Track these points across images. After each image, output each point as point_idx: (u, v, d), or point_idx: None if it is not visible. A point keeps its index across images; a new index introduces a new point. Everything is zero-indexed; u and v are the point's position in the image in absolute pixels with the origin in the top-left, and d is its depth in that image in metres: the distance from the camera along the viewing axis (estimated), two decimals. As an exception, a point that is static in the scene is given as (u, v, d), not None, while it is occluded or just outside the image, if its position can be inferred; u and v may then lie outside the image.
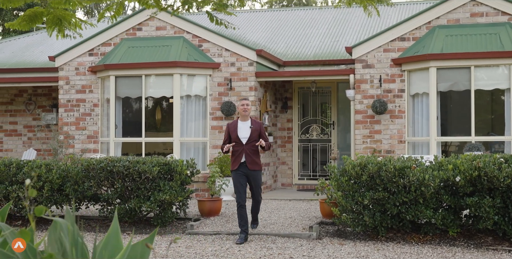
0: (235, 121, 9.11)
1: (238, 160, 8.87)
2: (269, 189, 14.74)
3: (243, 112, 8.97)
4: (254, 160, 8.90)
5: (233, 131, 8.92)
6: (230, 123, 9.13)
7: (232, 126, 9.01)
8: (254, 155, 8.91)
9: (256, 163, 8.92)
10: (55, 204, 10.30)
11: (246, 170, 8.83)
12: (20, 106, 16.83)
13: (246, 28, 18.15)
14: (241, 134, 8.88)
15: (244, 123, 8.98)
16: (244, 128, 8.91)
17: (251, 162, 8.86)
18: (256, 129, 8.93)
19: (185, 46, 13.83)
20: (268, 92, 14.78)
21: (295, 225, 9.78)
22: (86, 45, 14.48)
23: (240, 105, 9.04)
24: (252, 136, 8.86)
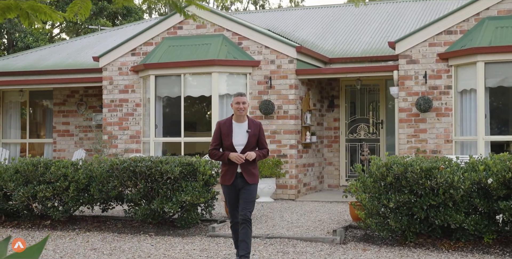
0: (228, 120, 7.21)
1: (232, 171, 7.10)
2: (314, 190, 14.28)
3: (238, 112, 7.13)
4: (252, 171, 7.15)
5: (227, 134, 7.11)
6: (222, 123, 7.22)
7: (225, 129, 7.16)
8: (251, 164, 7.15)
9: (254, 174, 7.19)
10: (82, 204, 10.22)
11: (241, 184, 7.12)
12: (72, 106, 17.01)
13: (296, 25, 17.74)
14: (236, 140, 7.10)
15: (240, 126, 7.17)
16: (240, 133, 7.13)
17: (249, 174, 7.12)
18: (254, 133, 7.16)
19: (225, 44, 13.57)
20: (312, 90, 14.32)
21: (321, 229, 9.33)
22: (129, 45, 14.45)
23: (234, 102, 7.17)
24: (249, 143, 7.12)
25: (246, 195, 7.14)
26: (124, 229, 9.89)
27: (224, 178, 7.18)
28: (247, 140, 7.11)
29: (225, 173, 7.19)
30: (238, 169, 7.13)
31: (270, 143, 13.24)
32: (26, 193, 10.03)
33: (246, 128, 7.15)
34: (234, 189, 7.18)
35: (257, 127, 7.25)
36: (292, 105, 13.18)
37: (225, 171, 7.18)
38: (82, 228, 10.07)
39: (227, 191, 7.25)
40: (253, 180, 7.17)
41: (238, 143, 7.11)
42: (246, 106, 7.17)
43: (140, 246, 8.58)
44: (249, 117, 7.28)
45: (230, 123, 7.18)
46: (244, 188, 7.14)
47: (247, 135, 7.13)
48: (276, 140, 13.21)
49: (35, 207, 10.27)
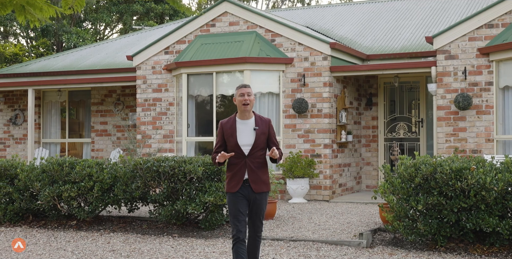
0: (231, 119, 6.20)
1: (237, 178, 6.08)
2: (350, 191, 13.84)
3: (242, 107, 6.09)
4: (261, 177, 6.10)
5: (230, 134, 6.10)
6: (225, 122, 6.22)
7: (228, 127, 6.14)
8: (260, 170, 6.11)
9: (264, 181, 6.14)
10: (106, 204, 10.08)
11: (248, 192, 6.08)
12: (109, 106, 16.99)
13: (336, 22, 17.31)
14: (241, 139, 6.07)
15: (245, 123, 6.13)
16: (246, 131, 6.10)
17: (257, 181, 6.08)
18: (263, 131, 6.13)
19: (257, 41, 13.27)
20: (349, 88, 13.89)
21: (348, 232, 8.94)
22: (162, 44, 14.30)
23: (238, 95, 6.11)
24: (257, 143, 6.07)
25: (257, 208, 6.16)
26: (148, 230, 9.70)
27: (230, 185, 6.17)
28: (255, 139, 6.07)
29: (230, 180, 6.18)
30: (245, 176, 6.07)
31: (303, 143, 12.89)
32: (51, 193, 9.94)
33: (253, 125, 6.11)
34: (241, 198, 6.10)
35: (266, 124, 6.21)
36: (326, 103, 12.79)
37: (230, 177, 6.18)
38: (107, 228, 9.92)
39: (232, 199, 6.12)
40: (261, 188, 6.12)
41: (244, 142, 6.07)
42: (252, 98, 6.14)
43: (160, 248, 8.36)
44: (256, 113, 6.26)
45: (234, 121, 6.15)
46: (255, 199, 6.13)
47: (254, 134, 6.08)
48: (310, 139, 12.85)
49: (61, 207, 10.18)
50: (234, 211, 6.10)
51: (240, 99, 6.12)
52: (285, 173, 12.40)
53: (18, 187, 10.41)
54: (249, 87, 6.20)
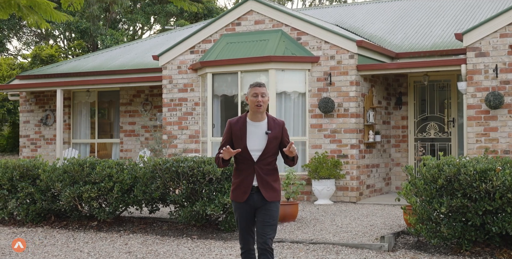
0: (241, 119, 5.57)
1: (245, 185, 5.48)
2: (379, 193, 13.52)
3: (255, 108, 5.47)
4: (271, 184, 5.50)
5: (239, 137, 5.50)
6: (234, 122, 5.59)
7: (237, 129, 5.53)
8: (271, 176, 5.51)
9: (274, 189, 5.52)
10: (126, 205, 9.98)
11: (257, 201, 5.49)
12: (137, 106, 16.96)
13: (366, 20, 16.99)
14: (251, 144, 5.48)
15: (257, 125, 5.53)
16: (257, 134, 5.50)
17: (267, 188, 5.48)
18: (276, 135, 5.50)
19: (283, 40, 13.06)
20: (377, 87, 13.58)
21: (370, 235, 8.66)
22: (187, 43, 14.18)
23: (251, 94, 5.50)
24: (269, 148, 5.47)
25: (265, 217, 5.50)
26: (168, 231, 9.57)
27: (236, 193, 5.55)
28: (266, 144, 5.46)
29: (237, 187, 5.55)
30: (254, 182, 5.48)
31: (330, 143, 12.63)
32: (72, 193, 9.88)
33: (265, 128, 5.50)
34: (248, 208, 5.53)
35: (280, 127, 5.57)
36: (353, 102, 12.51)
37: (237, 184, 5.56)
38: (127, 229, 9.82)
39: (239, 210, 5.57)
40: (273, 196, 5.51)
41: (254, 147, 5.47)
42: (266, 100, 5.50)
43: (176, 250, 8.22)
44: (269, 115, 5.61)
45: (244, 122, 5.53)
46: (263, 207, 5.51)
47: (266, 138, 5.48)
48: (336, 139, 12.58)
49: (82, 207, 10.12)
50: (242, 223, 5.59)
51: (253, 99, 5.50)
52: (310, 174, 12.16)
53: (40, 188, 10.39)
54: (264, 86, 5.58)
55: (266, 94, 5.57)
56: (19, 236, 9.52)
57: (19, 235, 9.66)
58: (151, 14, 37.95)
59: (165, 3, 37.76)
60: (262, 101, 5.51)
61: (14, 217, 10.87)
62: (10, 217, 10.84)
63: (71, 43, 37.60)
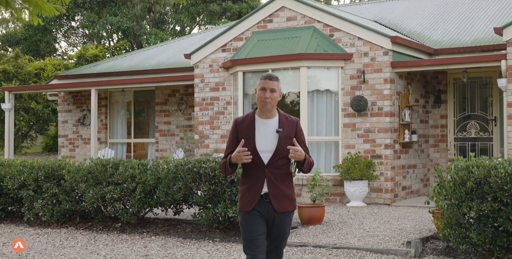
0: (249, 116, 4.90)
1: (254, 192, 4.82)
2: (416, 194, 13.01)
3: (261, 104, 4.79)
4: (284, 191, 4.83)
5: (247, 136, 4.81)
6: (240, 120, 4.92)
7: (244, 127, 4.86)
8: (283, 183, 4.85)
9: (288, 197, 4.86)
10: (150, 207, 9.78)
11: (268, 211, 4.81)
12: (173, 106, 16.81)
13: (405, 16, 16.45)
14: (261, 144, 4.80)
15: (267, 123, 4.85)
16: (267, 133, 4.83)
17: (279, 196, 4.81)
18: (288, 134, 4.82)
19: (315, 37, 12.68)
20: (414, 84, 13.07)
21: (397, 239, 8.24)
22: (219, 41, 13.93)
23: (259, 88, 4.80)
24: (280, 149, 4.79)
25: (278, 232, 4.88)
26: (191, 234, 9.33)
27: (244, 201, 4.86)
28: (277, 145, 4.78)
29: (244, 194, 4.87)
30: (265, 188, 4.80)
31: (363, 143, 12.19)
32: (95, 194, 9.74)
33: (276, 126, 4.83)
34: (258, 217, 4.82)
35: (293, 125, 4.88)
36: (387, 101, 12.05)
37: (244, 191, 4.88)
38: (151, 231, 9.62)
39: (246, 220, 4.83)
40: (285, 206, 4.83)
41: (264, 148, 4.79)
42: (275, 96, 4.78)
43: (195, 254, 7.96)
44: (281, 112, 4.93)
45: (252, 119, 4.86)
46: (275, 221, 4.84)
47: (277, 137, 4.80)
48: (370, 139, 12.13)
49: (105, 208, 9.96)
50: (250, 235, 4.80)
51: (260, 94, 4.79)
52: (342, 175, 11.76)
53: (64, 188, 10.29)
54: (275, 80, 4.82)
55: (277, 89, 4.81)
56: (42, 237, 9.43)
57: (42, 236, 9.56)
58: (195, 13, 37.94)
59: (208, 3, 37.72)
60: (269, 97, 4.76)
61: (40, 218, 10.80)
62: (36, 217, 10.78)
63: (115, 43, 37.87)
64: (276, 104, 4.85)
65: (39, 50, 38.72)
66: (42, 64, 31.55)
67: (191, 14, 37.75)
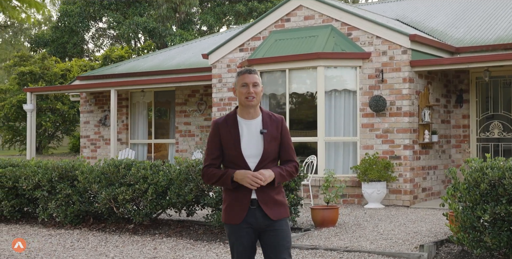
0: (231, 117, 4.41)
1: (241, 202, 4.32)
2: (437, 196, 12.73)
3: (245, 101, 4.33)
4: (275, 198, 4.34)
5: (231, 140, 4.33)
6: (221, 122, 4.42)
7: (225, 130, 4.36)
8: (272, 188, 4.35)
9: (279, 203, 4.35)
10: (162, 208, 9.68)
11: (260, 221, 4.31)
12: (193, 106, 16.75)
13: (428, 14, 16.14)
14: (246, 148, 4.32)
15: (250, 124, 4.37)
16: (252, 136, 4.35)
17: (269, 202, 4.32)
18: (274, 135, 4.36)
19: (333, 36, 12.48)
20: (435, 84, 12.79)
21: (410, 242, 8.02)
22: (236, 41, 13.80)
23: (240, 85, 4.35)
24: (268, 152, 4.34)
25: (276, 238, 4.34)
26: (203, 235, 9.21)
27: (229, 213, 4.35)
28: (264, 148, 4.32)
29: (230, 205, 4.35)
30: (253, 195, 4.31)
31: (382, 143, 11.96)
32: (108, 195, 9.67)
33: (260, 127, 4.35)
34: (249, 230, 4.33)
35: (278, 124, 4.40)
36: (406, 100, 11.81)
37: (229, 200, 4.36)
38: (163, 233, 9.52)
39: (234, 234, 4.35)
40: (279, 212, 4.33)
41: (250, 152, 4.31)
42: (259, 90, 4.35)
43: (204, 256, 7.84)
44: (264, 110, 4.46)
45: (234, 120, 4.37)
46: (269, 228, 4.33)
47: (261, 139, 4.33)
48: (389, 139, 11.90)
49: (117, 210, 9.89)
50: (239, 250, 4.36)
51: (243, 91, 4.33)
52: (359, 176, 11.55)
53: (78, 189, 10.25)
54: (255, 73, 4.39)
55: (259, 83, 4.37)
56: (54, 238, 9.39)
57: (54, 237, 9.53)
58: (220, 14, 37.91)
59: (234, 3, 37.66)
60: (254, 92, 4.32)
61: (54, 219, 10.78)
62: (50, 218, 10.75)
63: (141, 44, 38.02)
64: (260, 99, 4.42)
65: (66, 52, 39.05)
66: (68, 66, 31.83)
67: (217, 14, 37.73)
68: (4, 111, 29.74)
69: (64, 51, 39.12)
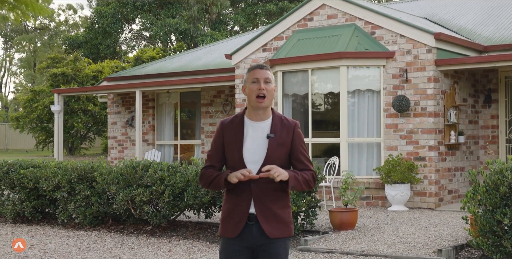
0: (238, 117, 3.96)
1: (238, 214, 3.85)
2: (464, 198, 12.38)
3: (255, 101, 3.83)
4: (277, 213, 3.85)
5: (233, 143, 3.89)
6: (227, 123, 3.97)
7: (231, 132, 3.92)
8: (275, 201, 3.86)
9: (282, 219, 3.86)
10: (179, 210, 9.59)
11: (256, 237, 3.83)
12: (218, 107, 16.66)
13: (457, 12, 15.80)
14: (248, 152, 3.86)
15: (257, 127, 3.91)
16: (257, 139, 3.88)
17: (269, 218, 3.84)
18: (282, 141, 3.87)
19: (356, 35, 12.25)
20: (462, 83, 12.48)
21: (429, 247, 7.79)
22: (259, 41, 13.66)
23: (250, 81, 3.86)
24: (270, 159, 3.83)
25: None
26: (220, 238, 9.07)
27: (226, 226, 3.91)
28: (267, 154, 3.83)
29: (227, 216, 3.92)
30: (251, 209, 3.83)
31: (406, 144, 11.69)
32: (125, 196, 9.62)
33: (268, 130, 3.88)
34: (242, 247, 3.88)
35: (289, 130, 3.90)
36: (431, 100, 11.53)
37: (227, 212, 3.92)
38: (180, 235, 9.43)
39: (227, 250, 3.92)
40: (278, 231, 3.83)
41: (251, 158, 3.85)
42: (271, 88, 3.86)
43: (217, 259, 7.73)
44: (276, 112, 3.96)
45: (241, 122, 3.92)
46: (264, 249, 3.86)
47: (266, 144, 3.85)
48: (413, 140, 11.63)
49: (135, 211, 9.83)
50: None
51: (253, 87, 3.83)
52: (382, 178, 11.30)
53: (96, 190, 10.22)
54: (268, 69, 3.90)
55: (272, 80, 3.88)
56: (71, 240, 9.37)
57: (72, 238, 9.51)
58: (251, 14, 37.86)
59: (265, 3, 37.56)
60: (265, 89, 3.82)
61: (73, 220, 10.77)
62: (70, 219, 10.75)
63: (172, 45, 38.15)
64: (273, 100, 3.94)
65: (99, 53, 39.40)
66: (99, 67, 32.06)
67: (248, 14, 37.68)
68: (37, 113, 30.08)
69: (97, 53, 39.49)
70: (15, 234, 10.03)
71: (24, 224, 11.04)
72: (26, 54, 62.01)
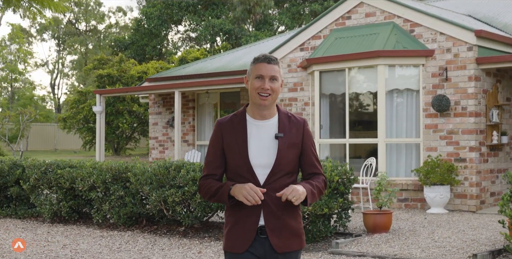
0: (238, 116, 3.49)
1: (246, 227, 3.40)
2: (507, 200, 11.99)
3: (259, 100, 3.37)
4: (287, 224, 3.43)
5: (236, 145, 3.42)
6: (225, 123, 3.49)
7: (231, 132, 3.46)
8: (287, 211, 3.43)
9: (294, 232, 3.46)
10: (211, 210, 9.51)
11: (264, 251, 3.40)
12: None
13: (502, 9, 15.33)
14: (255, 155, 3.40)
15: (262, 126, 3.45)
16: (263, 140, 3.42)
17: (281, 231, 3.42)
18: (293, 141, 3.44)
19: (394, 33, 11.99)
20: (505, 82, 12.08)
21: (465, 251, 7.52)
22: (297, 40, 13.51)
23: (254, 76, 3.40)
24: (282, 162, 3.41)
25: None
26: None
27: (231, 239, 3.46)
28: (277, 156, 3.39)
29: (232, 229, 3.46)
30: (261, 221, 3.40)
31: (446, 145, 11.37)
32: (158, 197, 9.59)
33: (275, 129, 3.44)
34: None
35: (299, 128, 3.48)
36: (472, 100, 11.19)
37: (232, 224, 3.46)
38: (212, 236, 9.36)
39: None
40: (289, 244, 3.44)
41: (259, 162, 3.39)
42: (277, 87, 3.40)
43: (246, 261, 7.59)
44: (281, 109, 3.52)
45: (242, 121, 3.47)
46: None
47: (276, 145, 3.41)
48: (453, 141, 11.31)
49: (167, 212, 9.79)
50: None
51: (256, 84, 3.38)
52: (421, 179, 11.01)
53: (130, 191, 10.23)
54: (276, 63, 3.42)
55: (279, 77, 3.42)
56: (104, 240, 9.39)
57: (105, 238, 9.53)
58: (296, 14, 37.68)
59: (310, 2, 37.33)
60: (270, 88, 3.37)
61: (108, 220, 10.81)
62: (104, 219, 10.79)
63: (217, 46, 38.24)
64: (277, 98, 3.45)
65: (145, 54, 39.77)
66: (144, 68, 32.33)
67: (292, 14, 37.52)
68: (84, 113, 30.50)
69: (143, 54, 39.88)
70: (51, 233, 10.11)
71: (61, 223, 11.13)
72: (77, 56, 63.14)
